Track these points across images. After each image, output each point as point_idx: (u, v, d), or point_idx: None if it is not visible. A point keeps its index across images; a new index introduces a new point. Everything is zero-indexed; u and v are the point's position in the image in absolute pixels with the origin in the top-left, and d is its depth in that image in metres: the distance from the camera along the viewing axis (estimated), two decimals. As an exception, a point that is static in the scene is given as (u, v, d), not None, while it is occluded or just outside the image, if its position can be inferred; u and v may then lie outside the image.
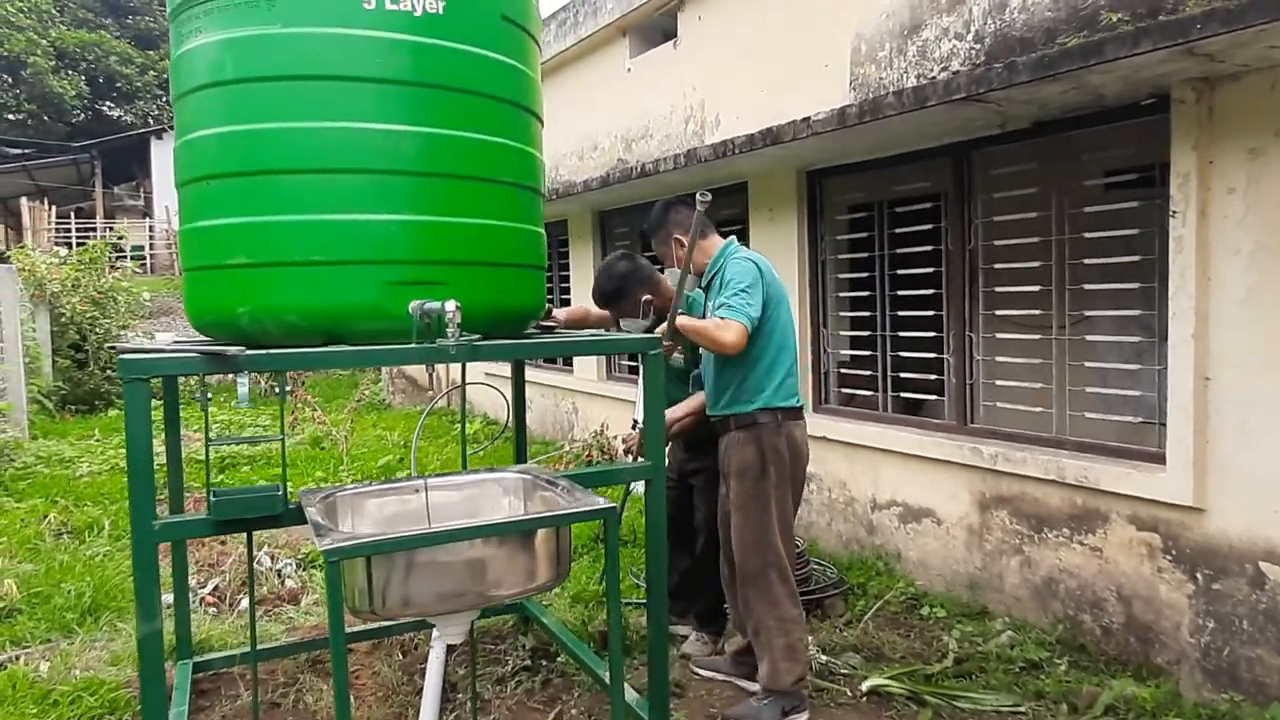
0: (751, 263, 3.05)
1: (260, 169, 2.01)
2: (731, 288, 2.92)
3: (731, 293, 2.90)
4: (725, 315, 2.85)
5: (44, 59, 28.11)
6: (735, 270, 3.00)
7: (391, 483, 2.05)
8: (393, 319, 2.02)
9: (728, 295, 2.90)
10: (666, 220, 3.30)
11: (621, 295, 3.44)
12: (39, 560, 4.20)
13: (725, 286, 2.95)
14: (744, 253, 3.19)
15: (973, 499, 4.31)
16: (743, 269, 2.99)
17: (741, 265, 3.01)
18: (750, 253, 3.21)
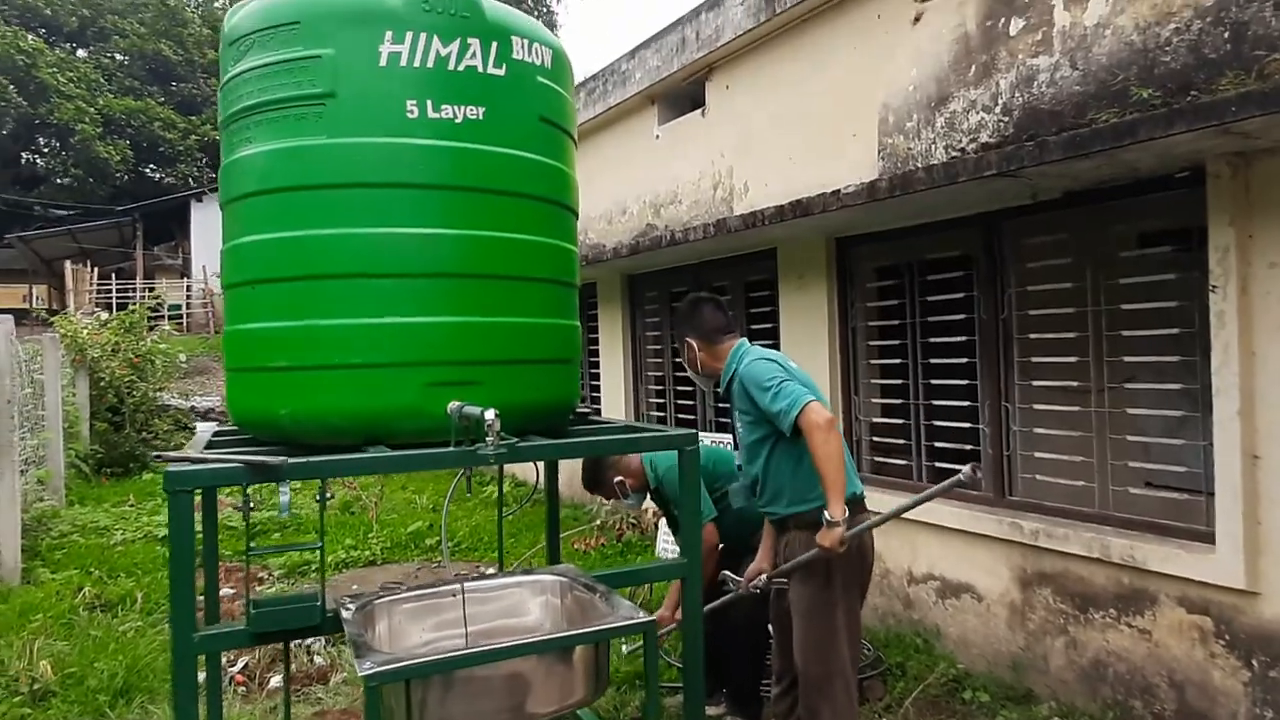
0: (771, 360, 2.97)
1: (304, 274, 2.05)
2: (768, 388, 2.81)
3: (773, 391, 2.78)
4: (785, 406, 2.73)
5: (91, 126, 29.24)
6: (758, 371, 2.89)
7: (428, 588, 2.03)
8: (432, 419, 2.03)
9: (771, 397, 2.78)
10: (685, 321, 3.24)
11: (598, 484, 3.67)
12: (73, 638, 4.21)
13: (761, 391, 2.83)
14: (758, 352, 3.09)
15: (1013, 575, 4.20)
16: (765, 366, 2.90)
17: (763, 364, 2.92)
18: (764, 350, 3.13)
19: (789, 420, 2.74)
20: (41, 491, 6.70)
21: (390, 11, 2.04)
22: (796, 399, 2.72)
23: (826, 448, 2.67)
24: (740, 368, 2.98)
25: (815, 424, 2.68)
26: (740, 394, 2.98)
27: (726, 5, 6.03)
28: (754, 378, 2.87)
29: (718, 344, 3.13)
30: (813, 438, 2.68)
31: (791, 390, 2.76)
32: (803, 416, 2.69)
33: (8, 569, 5.21)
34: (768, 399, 2.79)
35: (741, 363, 3.03)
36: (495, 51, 2.13)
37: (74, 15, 33.32)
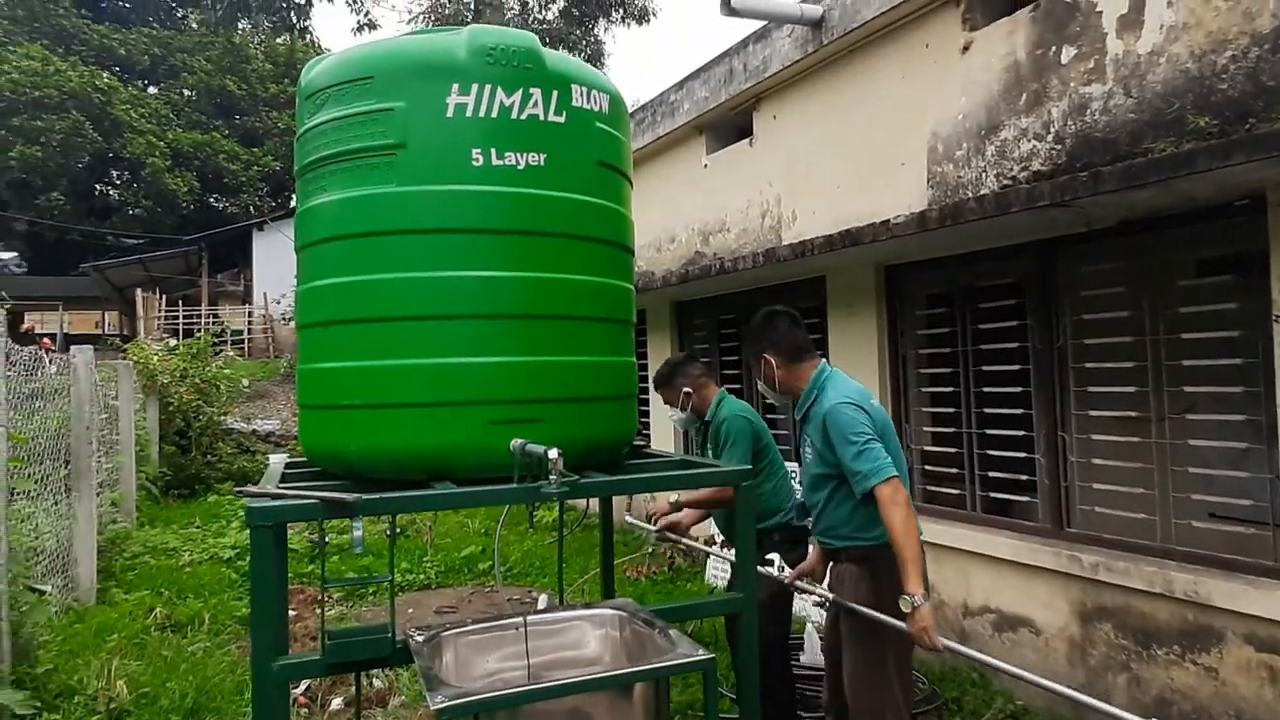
0: (859, 408, 2.87)
1: (374, 316, 2.16)
2: (854, 443, 2.75)
3: (857, 449, 2.74)
4: (866, 471, 2.71)
5: (161, 159, 30.51)
6: (846, 421, 2.81)
7: (492, 621, 2.10)
8: (495, 455, 2.10)
9: (854, 455, 2.73)
10: (760, 335, 3.15)
11: (666, 381, 4.01)
12: (145, 657, 4.38)
13: (845, 444, 2.77)
14: (844, 386, 3.01)
15: (1072, 609, 4.12)
16: (853, 417, 2.81)
17: (850, 413, 2.82)
18: (847, 383, 3.06)
19: (864, 487, 2.73)
20: (115, 513, 6.98)
21: (457, 65, 2.15)
22: (878, 470, 2.70)
23: (906, 526, 2.67)
24: (826, 405, 2.90)
25: (893, 502, 2.67)
26: (819, 429, 2.92)
27: (774, 37, 6.11)
28: (840, 426, 2.81)
29: (799, 363, 3.07)
30: (889, 516, 2.67)
31: (876, 456, 2.73)
32: (880, 490, 2.69)
33: (84, 589, 5.44)
34: (850, 455, 2.75)
35: (825, 392, 2.97)
36: (556, 100, 2.23)
37: (146, 54, 34.90)
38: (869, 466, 2.73)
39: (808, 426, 3.05)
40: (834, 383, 3.03)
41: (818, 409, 2.96)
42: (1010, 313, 4.69)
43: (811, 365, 3.09)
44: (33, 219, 31.13)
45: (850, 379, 3.13)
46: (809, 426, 3.04)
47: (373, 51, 2.29)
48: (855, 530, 2.92)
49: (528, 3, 21.16)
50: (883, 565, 2.86)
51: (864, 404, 2.94)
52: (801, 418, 3.09)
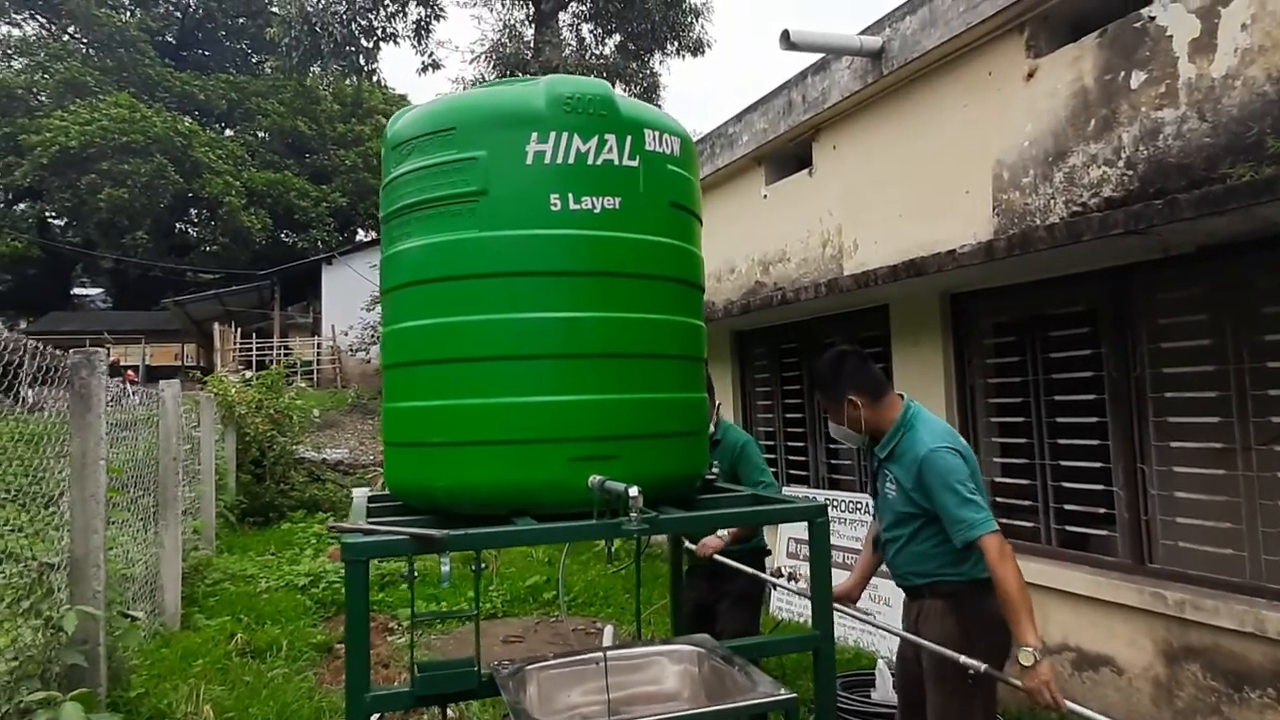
0: (953, 450, 2.82)
1: (457, 356, 2.24)
2: (956, 491, 2.71)
3: (960, 498, 2.70)
4: (968, 522, 2.68)
5: (237, 198, 31.88)
6: (946, 467, 2.75)
7: (572, 656, 2.15)
8: (574, 492, 2.16)
9: (956, 503, 2.70)
10: (839, 378, 3.03)
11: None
12: (228, 682, 4.54)
13: (945, 491, 2.73)
14: (936, 428, 2.94)
15: (1157, 649, 3.98)
16: (954, 465, 2.75)
17: (950, 461, 2.76)
18: (936, 422, 3.00)
19: (967, 537, 2.69)
20: (196, 540, 7.26)
21: (536, 114, 2.25)
22: (983, 522, 2.67)
23: (1019, 579, 2.63)
24: (922, 448, 2.83)
25: (1002, 554, 2.64)
26: (908, 470, 2.87)
27: (833, 69, 6.15)
28: (941, 473, 2.75)
29: (882, 400, 2.99)
30: (1000, 569, 2.64)
31: (980, 508, 2.70)
32: (987, 542, 2.66)
33: (170, 615, 5.66)
34: (952, 503, 2.72)
35: (915, 432, 2.90)
36: (630, 144, 2.30)
37: (224, 99, 36.65)
38: (974, 517, 2.69)
39: (892, 464, 2.98)
40: (923, 422, 2.96)
41: (908, 449, 2.90)
42: (1082, 341, 4.59)
43: (895, 401, 3.02)
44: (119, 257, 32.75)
45: (934, 415, 3.08)
46: (894, 465, 2.97)
47: (455, 103, 2.40)
48: (941, 567, 2.88)
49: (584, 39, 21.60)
50: (969, 603, 2.82)
51: (959, 448, 2.89)
52: (886, 455, 3.00)
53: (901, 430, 2.97)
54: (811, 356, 7.01)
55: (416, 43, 20.46)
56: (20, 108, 32.76)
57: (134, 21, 36.62)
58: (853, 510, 6.13)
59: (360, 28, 18.96)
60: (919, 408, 3.07)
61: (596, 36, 21.56)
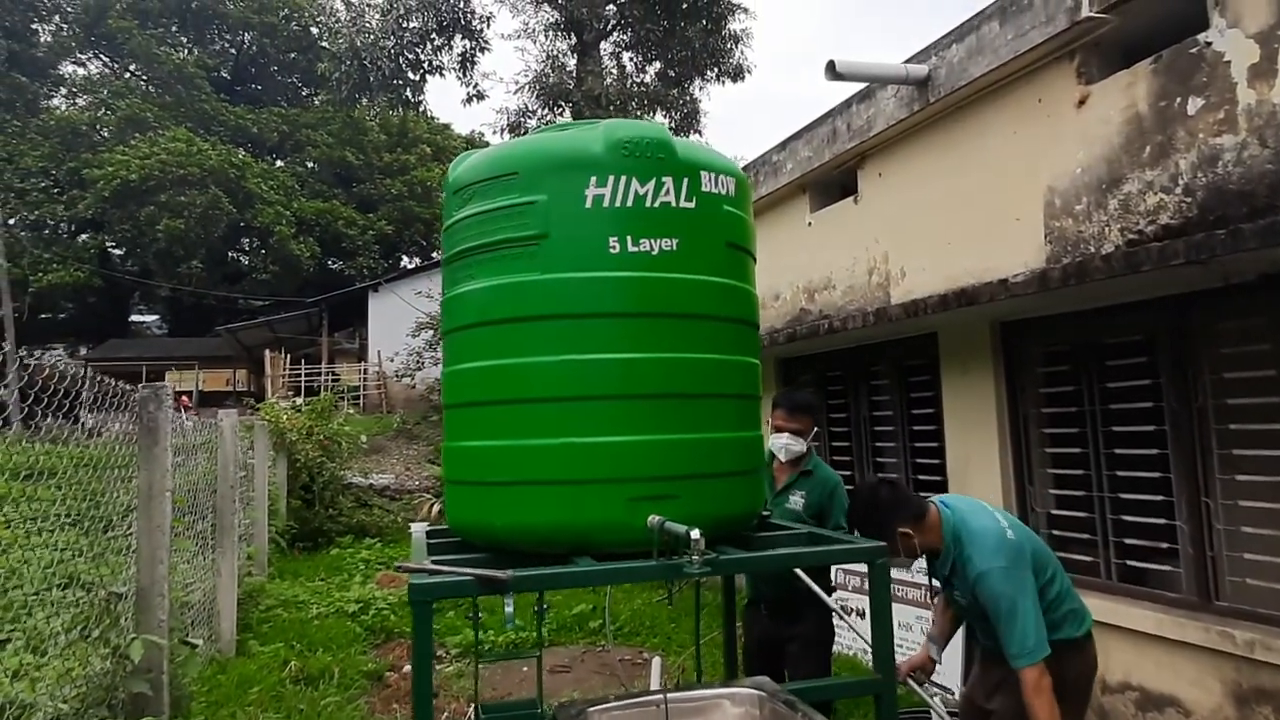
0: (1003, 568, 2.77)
1: (518, 397, 2.28)
2: (1009, 612, 2.70)
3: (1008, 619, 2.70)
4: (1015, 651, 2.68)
5: (287, 227, 32.78)
6: (994, 593, 2.73)
7: (633, 698, 2.15)
8: (632, 531, 2.17)
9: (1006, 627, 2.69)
10: (883, 515, 2.89)
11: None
12: (283, 710, 4.60)
13: (998, 614, 2.72)
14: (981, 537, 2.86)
15: (1225, 690, 3.84)
16: (998, 590, 2.73)
17: (996, 586, 2.74)
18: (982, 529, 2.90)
19: (1014, 664, 2.69)
20: (250, 566, 7.40)
21: (595, 159, 2.29)
22: (1030, 653, 2.67)
23: (1043, 715, 2.63)
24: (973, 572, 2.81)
25: (1038, 690, 2.63)
26: (966, 587, 2.86)
27: (878, 97, 6.15)
28: (992, 598, 2.75)
29: (925, 518, 2.92)
30: (1034, 704, 2.64)
31: (1027, 633, 2.69)
32: (1026, 675, 2.66)
33: (225, 641, 5.77)
34: (1002, 625, 2.72)
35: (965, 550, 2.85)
36: (686, 186, 2.34)
37: (275, 131, 37.81)
38: (1019, 648, 2.69)
39: (956, 580, 2.94)
40: (968, 537, 2.88)
41: (962, 567, 2.87)
42: (1140, 370, 4.49)
43: (934, 512, 2.95)
44: (175, 286, 33.79)
45: (978, 511, 3.01)
46: (958, 580, 2.93)
47: (516, 148, 2.46)
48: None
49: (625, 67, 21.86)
50: (1070, 659, 2.84)
51: (1008, 557, 2.82)
52: (949, 573, 2.96)
53: (952, 550, 2.92)
54: (860, 385, 6.96)
55: (462, 74, 20.88)
56: (84, 143, 34.12)
57: (191, 59, 38.03)
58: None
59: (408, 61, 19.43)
60: (957, 512, 3.00)
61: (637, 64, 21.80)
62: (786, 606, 3.70)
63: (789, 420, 3.87)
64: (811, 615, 3.68)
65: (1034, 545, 2.99)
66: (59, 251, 33.69)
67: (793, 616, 3.70)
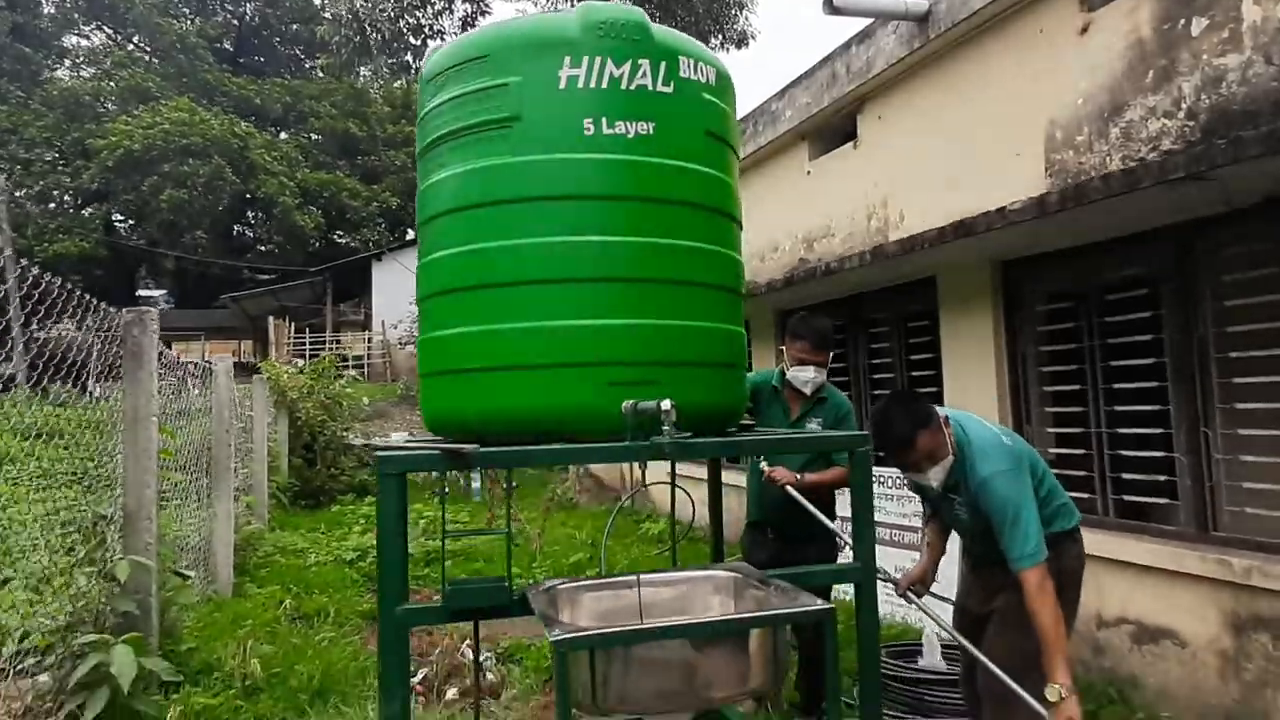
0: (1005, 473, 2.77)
1: (491, 282, 2.23)
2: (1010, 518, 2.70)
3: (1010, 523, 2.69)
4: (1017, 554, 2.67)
5: (291, 198, 32.66)
6: (1003, 495, 2.72)
7: (607, 578, 2.12)
8: (609, 419, 2.13)
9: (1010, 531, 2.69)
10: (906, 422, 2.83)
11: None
12: (276, 642, 4.62)
13: (1001, 519, 2.71)
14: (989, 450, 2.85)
15: (1223, 619, 3.80)
16: (1002, 495, 2.73)
17: (999, 491, 2.73)
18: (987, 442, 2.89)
19: (1015, 567, 2.69)
20: (249, 516, 7.43)
21: (569, 40, 2.23)
22: (1032, 555, 2.66)
23: (1054, 617, 2.63)
24: (975, 478, 2.80)
25: (1041, 591, 2.63)
26: (969, 494, 2.84)
27: (877, 36, 6.03)
28: (995, 503, 2.74)
29: (941, 427, 2.87)
30: (1037, 605, 2.63)
31: (1030, 536, 2.68)
32: (1028, 576, 2.65)
33: (222, 583, 5.80)
34: (1005, 532, 2.71)
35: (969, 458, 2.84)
36: (664, 71, 2.27)
37: (278, 102, 37.59)
38: (1021, 550, 2.67)
39: (955, 493, 2.93)
40: (971, 443, 2.87)
41: (965, 476, 2.85)
42: (1142, 303, 4.42)
43: (945, 424, 2.90)
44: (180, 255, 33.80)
45: (972, 420, 3.00)
46: (958, 493, 2.92)
47: (488, 32, 2.40)
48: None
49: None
50: (1067, 549, 2.85)
51: (1010, 463, 2.82)
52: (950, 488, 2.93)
53: (955, 461, 2.89)
54: (859, 333, 6.90)
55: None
56: (88, 114, 34.02)
57: (193, 30, 37.75)
58: (899, 487, 6.00)
59: (408, 25, 19.21)
60: (963, 421, 2.98)
61: (641, 30, 21.50)
62: (794, 528, 3.67)
63: (815, 354, 3.78)
64: (820, 538, 3.66)
65: (1024, 448, 3.00)
66: (64, 222, 33.70)
67: (801, 539, 3.68)
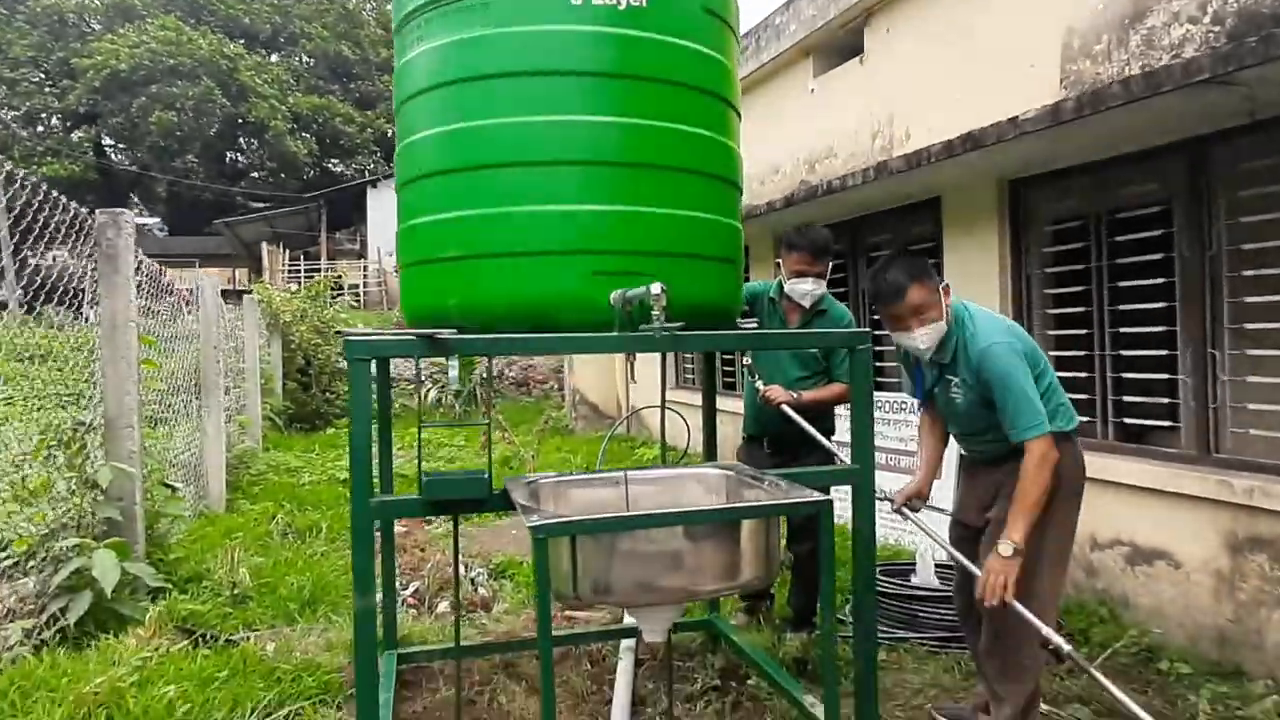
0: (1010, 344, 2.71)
1: (473, 164, 2.09)
2: (1011, 389, 2.63)
3: (1014, 400, 2.62)
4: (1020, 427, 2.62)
5: (283, 123, 31.98)
6: (1003, 367, 2.64)
7: (593, 474, 2.04)
8: (595, 310, 2.02)
9: (1012, 403, 2.62)
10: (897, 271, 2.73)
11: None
12: (268, 554, 4.61)
13: (1003, 389, 2.64)
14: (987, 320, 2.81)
15: (1221, 540, 3.76)
16: (1007, 360, 2.66)
17: (1005, 356, 2.66)
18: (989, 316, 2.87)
19: (1019, 437, 2.63)
20: (242, 435, 7.40)
21: (556, -100, 2.04)
22: (1037, 425, 2.61)
23: (1038, 490, 2.60)
24: (978, 345, 2.71)
25: (1044, 461, 2.59)
26: (970, 369, 2.75)
27: (890, -59, 5.73)
28: (998, 369, 2.66)
29: (939, 287, 2.78)
30: (1034, 470, 2.59)
31: (1035, 409, 2.62)
32: (1034, 445, 2.60)
33: (214, 498, 5.78)
34: (1008, 402, 2.63)
35: (971, 328, 2.76)
36: (658, -63, 2.09)
37: (268, 22, 36.50)
38: (1027, 420, 2.62)
39: (953, 370, 2.83)
40: (974, 317, 2.82)
41: (966, 347, 2.76)
42: (1153, 221, 4.27)
43: (945, 292, 2.81)
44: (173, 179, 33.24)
45: (989, 312, 2.93)
46: (956, 369, 2.81)
47: (469, -104, 2.20)
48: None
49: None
50: (1065, 450, 2.74)
51: (1017, 337, 2.77)
52: (948, 361, 2.83)
53: (954, 333, 2.80)
54: (859, 257, 6.75)
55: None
56: (73, 33, 33.08)
57: (178, -57, 36.40)
58: (895, 410, 5.94)
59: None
60: (969, 304, 2.91)
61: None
62: (791, 441, 3.60)
63: (814, 264, 3.65)
64: (817, 452, 3.58)
65: (1029, 340, 2.88)
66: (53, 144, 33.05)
67: (796, 452, 3.61)
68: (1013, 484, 2.71)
